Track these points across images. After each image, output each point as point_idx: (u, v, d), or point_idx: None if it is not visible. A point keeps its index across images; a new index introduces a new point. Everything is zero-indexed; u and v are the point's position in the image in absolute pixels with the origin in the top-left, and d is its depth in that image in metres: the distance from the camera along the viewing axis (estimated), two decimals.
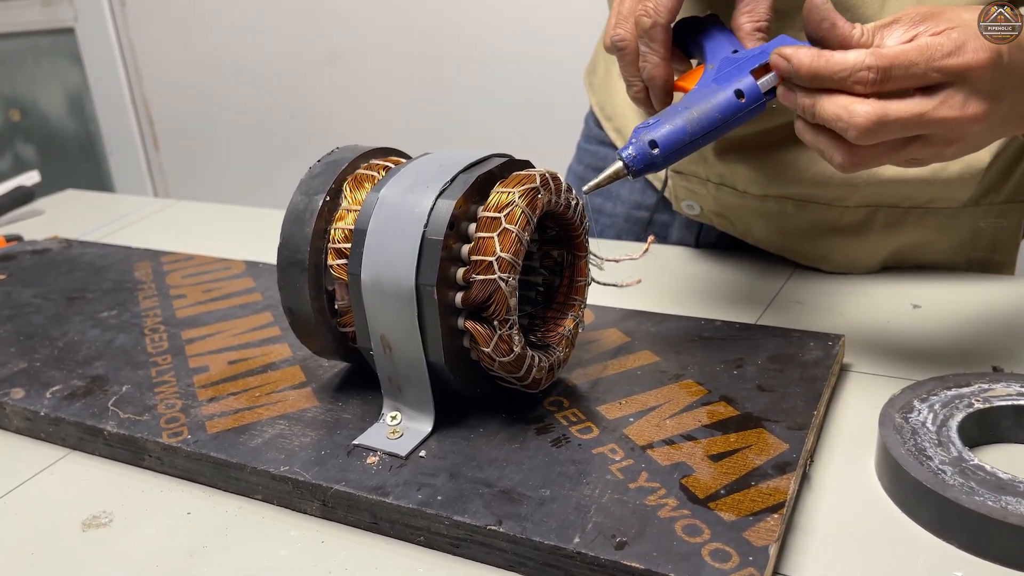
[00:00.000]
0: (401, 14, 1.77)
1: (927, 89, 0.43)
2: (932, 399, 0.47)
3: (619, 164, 0.48)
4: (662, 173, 0.77)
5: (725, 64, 0.48)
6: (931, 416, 0.45)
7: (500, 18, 1.68)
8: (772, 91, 0.47)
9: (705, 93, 0.48)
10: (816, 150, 0.47)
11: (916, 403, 0.46)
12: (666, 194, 0.78)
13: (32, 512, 0.47)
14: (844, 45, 0.45)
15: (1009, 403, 0.46)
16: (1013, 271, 0.71)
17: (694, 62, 0.54)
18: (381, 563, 0.42)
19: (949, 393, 0.47)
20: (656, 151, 0.47)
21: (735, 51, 0.49)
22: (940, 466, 0.42)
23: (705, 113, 0.47)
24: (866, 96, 0.43)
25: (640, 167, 0.47)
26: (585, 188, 0.49)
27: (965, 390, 0.47)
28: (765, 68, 0.47)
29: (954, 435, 0.44)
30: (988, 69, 0.43)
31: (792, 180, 0.67)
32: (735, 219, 0.73)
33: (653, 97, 0.53)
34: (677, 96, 0.51)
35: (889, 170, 0.65)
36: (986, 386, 0.47)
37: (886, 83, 0.43)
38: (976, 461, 0.42)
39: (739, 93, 0.47)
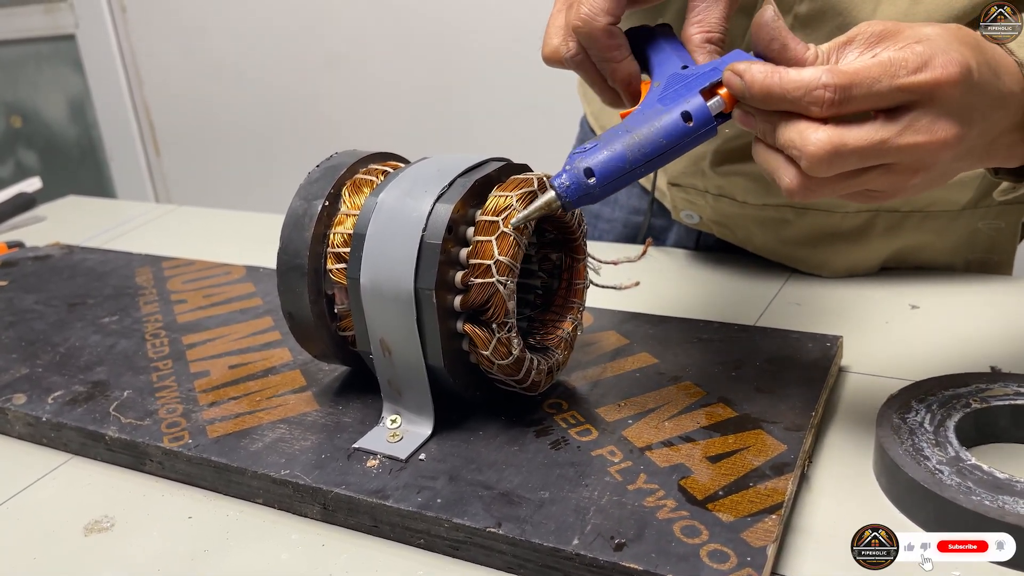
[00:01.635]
0: (400, 20, 1.78)
1: (891, 111, 0.39)
2: (930, 399, 0.47)
3: (551, 194, 0.43)
4: (651, 177, 0.76)
5: (673, 82, 0.43)
6: (928, 416, 0.45)
7: (499, 23, 1.68)
8: (723, 115, 0.42)
9: (649, 115, 0.42)
10: (765, 171, 0.42)
11: (914, 403, 0.47)
12: (665, 204, 0.79)
13: (34, 517, 0.48)
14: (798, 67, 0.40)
15: (1007, 403, 0.46)
16: (1011, 271, 0.71)
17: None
18: (381, 566, 0.42)
19: (946, 394, 0.47)
20: (592, 180, 0.41)
21: (685, 67, 0.44)
22: (937, 466, 0.42)
23: (648, 138, 0.41)
24: (824, 120, 0.38)
25: (574, 198, 0.42)
26: (512, 221, 0.45)
27: (962, 390, 0.47)
28: (717, 87, 0.42)
29: (951, 435, 0.44)
30: (958, 86, 0.38)
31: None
32: (735, 228, 0.74)
33: (628, 103, 0.47)
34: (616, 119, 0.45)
35: None
36: (984, 386, 0.47)
37: (846, 104, 0.38)
38: (973, 461, 0.42)
39: (686, 116, 0.41)
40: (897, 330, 0.60)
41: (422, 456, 0.46)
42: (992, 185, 0.67)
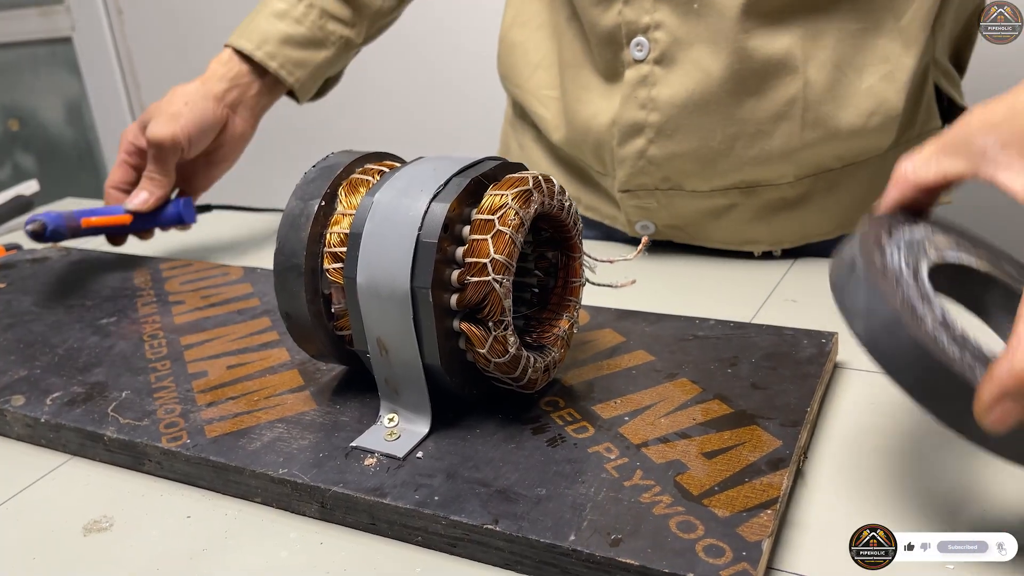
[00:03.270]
0: (396, 21, 1.78)
1: None
2: (896, 236, 0.41)
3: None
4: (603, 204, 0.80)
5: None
6: (902, 258, 0.39)
7: (496, 25, 1.68)
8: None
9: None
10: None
11: (884, 238, 0.40)
12: (619, 225, 0.81)
13: (33, 517, 0.48)
14: None
15: (958, 263, 0.41)
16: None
17: None
18: (379, 563, 0.42)
19: (907, 235, 0.41)
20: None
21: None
22: (935, 331, 0.35)
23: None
24: None
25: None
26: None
27: (917, 235, 0.42)
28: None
29: (930, 287, 0.38)
30: None
31: (734, 167, 0.69)
32: (689, 226, 0.76)
33: None
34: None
35: (814, 132, 0.69)
36: (931, 233, 0.42)
37: None
38: (963, 328, 0.37)
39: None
40: None
41: (419, 454, 0.47)
42: (909, 122, 0.70)
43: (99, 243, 0.93)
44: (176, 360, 0.60)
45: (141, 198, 0.79)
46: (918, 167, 0.41)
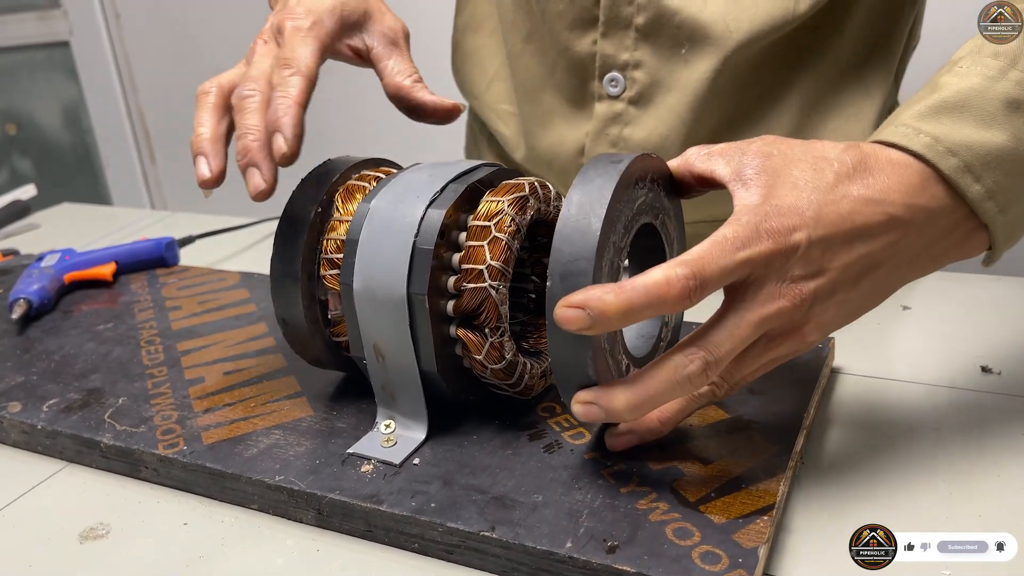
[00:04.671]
0: None
1: (736, 287, 0.40)
2: (640, 190, 0.45)
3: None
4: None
5: None
6: (633, 207, 0.44)
7: None
8: None
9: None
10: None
11: (634, 183, 0.44)
12: None
13: (29, 524, 0.48)
14: None
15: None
16: None
17: None
18: (376, 571, 0.42)
19: (649, 196, 0.45)
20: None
21: None
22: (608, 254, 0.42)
23: None
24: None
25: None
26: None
27: (656, 202, 0.46)
28: None
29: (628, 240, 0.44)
30: (782, 256, 0.39)
31: (703, 203, 0.68)
32: None
33: (283, 139, 0.48)
34: None
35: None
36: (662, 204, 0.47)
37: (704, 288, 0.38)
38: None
39: None
40: (888, 331, 0.61)
41: (416, 461, 0.47)
42: (886, 114, 0.70)
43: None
44: (173, 366, 0.60)
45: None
46: (700, 155, 0.45)
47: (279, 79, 0.50)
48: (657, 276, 0.38)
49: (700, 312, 0.45)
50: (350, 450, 0.48)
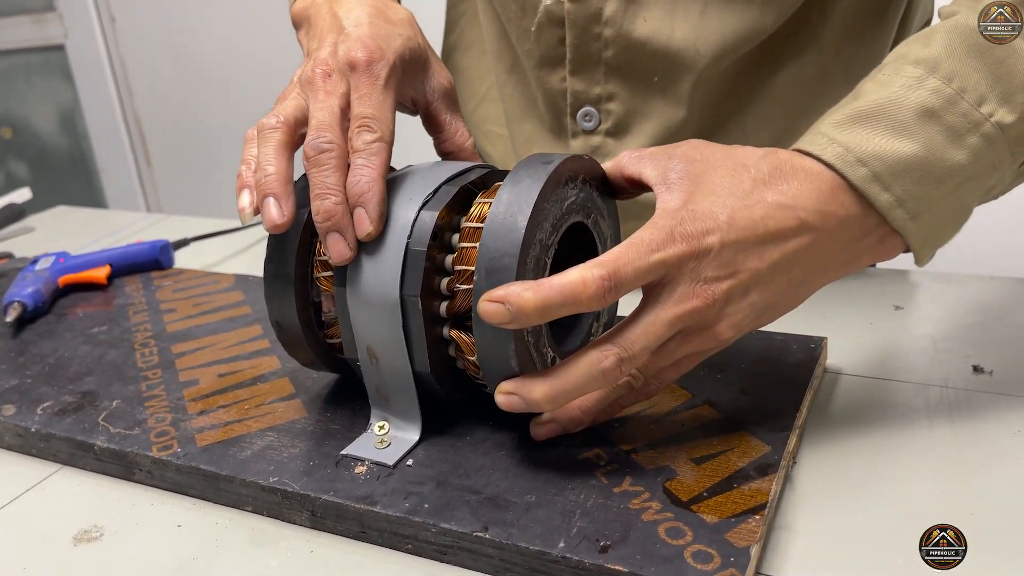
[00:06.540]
0: None
1: (653, 286, 0.42)
2: (571, 190, 0.46)
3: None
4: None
5: None
6: (563, 207, 0.46)
7: None
8: None
9: None
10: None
11: (566, 183, 0.46)
12: None
13: (23, 527, 0.48)
14: None
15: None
16: None
17: None
18: (369, 572, 0.42)
19: (580, 196, 0.47)
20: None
21: None
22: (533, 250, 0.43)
23: None
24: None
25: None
26: None
27: (588, 202, 0.48)
28: None
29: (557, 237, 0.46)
30: (695, 258, 0.41)
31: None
32: None
33: (368, 219, 0.46)
34: None
35: None
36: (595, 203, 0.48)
37: (619, 288, 0.41)
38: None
39: None
40: (881, 331, 0.61)
41: (410, 462, 0.47)
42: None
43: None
44: (167, 368, 0.60)
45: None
46: (631, 158, 0.46)
47: (361, 143, 0.47)
48: (574, 276, 0.40)
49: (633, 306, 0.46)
50: (344, 451, 0.48)
